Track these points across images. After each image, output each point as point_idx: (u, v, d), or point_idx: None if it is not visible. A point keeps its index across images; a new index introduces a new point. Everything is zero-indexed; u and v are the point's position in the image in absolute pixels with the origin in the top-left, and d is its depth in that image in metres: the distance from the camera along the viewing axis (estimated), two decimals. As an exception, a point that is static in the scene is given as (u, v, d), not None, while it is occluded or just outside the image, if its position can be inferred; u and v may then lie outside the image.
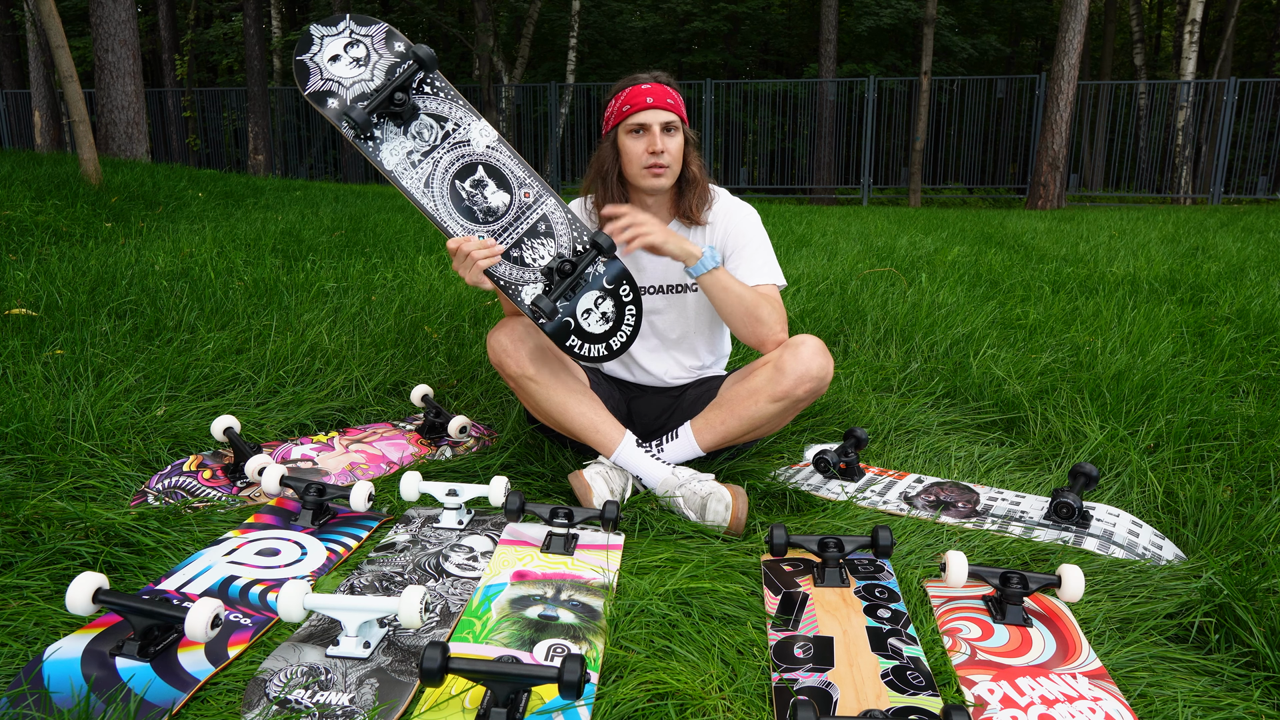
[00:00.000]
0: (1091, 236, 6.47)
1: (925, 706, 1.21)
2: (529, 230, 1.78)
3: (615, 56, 19.08)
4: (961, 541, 1.77)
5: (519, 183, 1.77)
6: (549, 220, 1.78)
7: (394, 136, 1.75)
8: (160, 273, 3.58)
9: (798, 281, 4.18)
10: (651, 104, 1.91)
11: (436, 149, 1.75)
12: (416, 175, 1.75)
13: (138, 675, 1.23)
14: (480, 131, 1.77)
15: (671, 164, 1.95)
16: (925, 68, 12.36)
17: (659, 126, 1.92)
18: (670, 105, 1.93)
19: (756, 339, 1.94)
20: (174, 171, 7.60)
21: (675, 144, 1.95)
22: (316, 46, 1.75)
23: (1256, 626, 1.36)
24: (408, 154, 1.74)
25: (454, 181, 1.75)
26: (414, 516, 1.85)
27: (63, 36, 5.38)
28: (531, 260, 1.79)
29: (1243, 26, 20.26)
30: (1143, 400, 2.45)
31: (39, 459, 1.85)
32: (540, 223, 1.78)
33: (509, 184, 1.77)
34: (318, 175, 16.20)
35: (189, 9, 18.50)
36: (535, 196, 1.77)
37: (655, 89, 1.93)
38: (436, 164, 1.75)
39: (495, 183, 1.76)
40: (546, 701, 1.21)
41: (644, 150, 1.93)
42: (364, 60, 1.74)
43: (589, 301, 1.81)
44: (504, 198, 1.76)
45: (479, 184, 1.74)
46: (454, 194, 1.76)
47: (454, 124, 1.75)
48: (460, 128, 1.75)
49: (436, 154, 1.75)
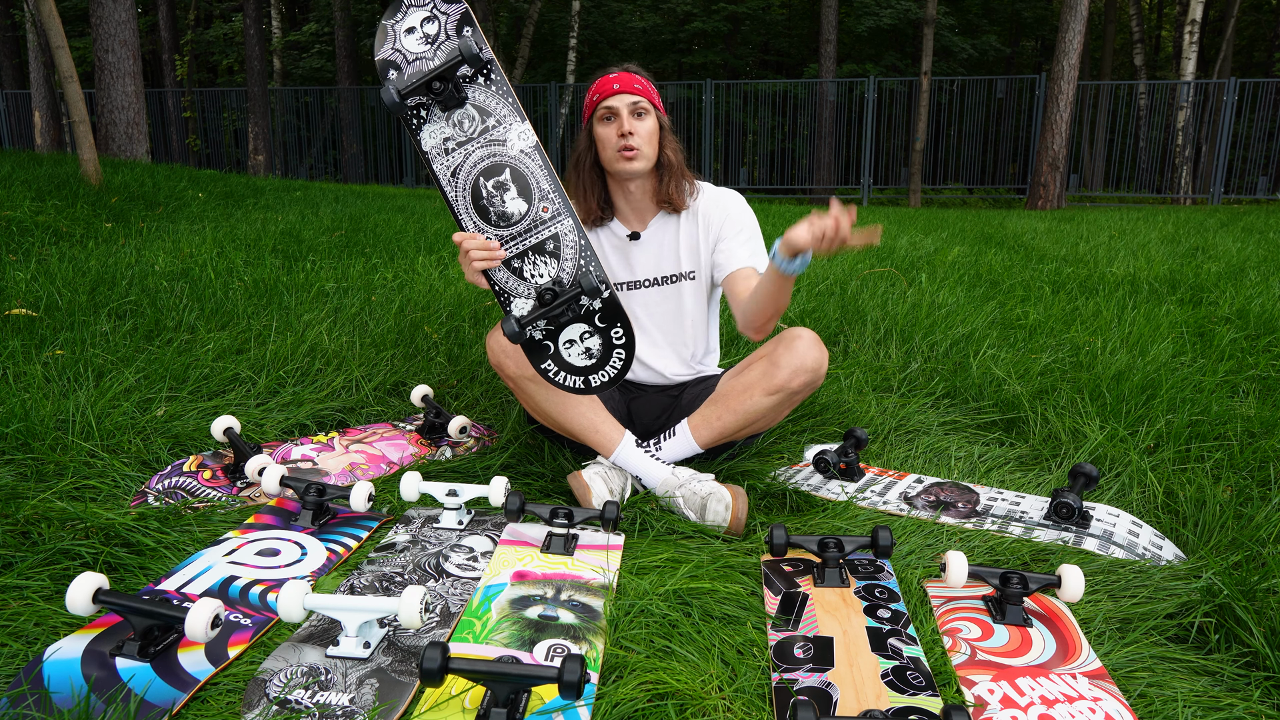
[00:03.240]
0: (1091, 237, 6.47)
1: (925, 707, 1.21)
2: (536, 245, 1.76)
3: (615, 57, 19.07)
4: (961, 541, 1.77)
5: (541, 195, 1.74)
6: (559, 241, 1.75)
7: (436, 119, 1.73)
8: (160, 273, 3.58)
9: (798, 281, 4.18)
10: (618, 89, 1.93)
11: (471, 142, 1.73)
12: (447, 163, 1.74)
13: (138, 675, 1.23)
14: (519, 134, 1.73)
15: (643, 146, 1.95)
16: (925, 68, 12.36)
17: (627, 109, 1.93)
18: (638, 89, 1.94)
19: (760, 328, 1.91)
20: (174, 172, 7.60)
21: (645, 127, 1.95)
22: (401, 14, 1.73)
23: (1256, 626, 1.36)
24: (444, 140, 1.73)
25: (479, 178, 1.74)
26: (414, 517, 1.85)
27: (63, 37, 5.38)
28: (529, 275, 1.78)
29: (1243, 26, 20.26)
30: (1143, 400, 2.45)
31: (39, 459, 1.85)
32: (550, 241, 1.76)
33: (530, 193, 1.74)
34: (318, 175, 16.20)
35: (189, 9, 18.51)
36: (553, 213, 1.74)
37: (621, 76, 1.95)
38: (467, 156, 1.73)
39: (517, 189, 1.74)
40: (546, 701, 1.21)
41: (614, 135, 1.94)
42: (434, 38, 1.71)
43: (574, 333, 1.79)
44: (521, 206, 1.74)
45: (501, 186, 1.73)
46: (475, 190, 1.74)
47: (495, 120, 1.72)
48: (500, 125, 1.72)
49: (469, 147, 1.73)
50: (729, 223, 2.05)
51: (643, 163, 1.97)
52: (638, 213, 2.08)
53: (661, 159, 2.01)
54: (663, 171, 2.02)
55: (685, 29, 18.95)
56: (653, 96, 1.98)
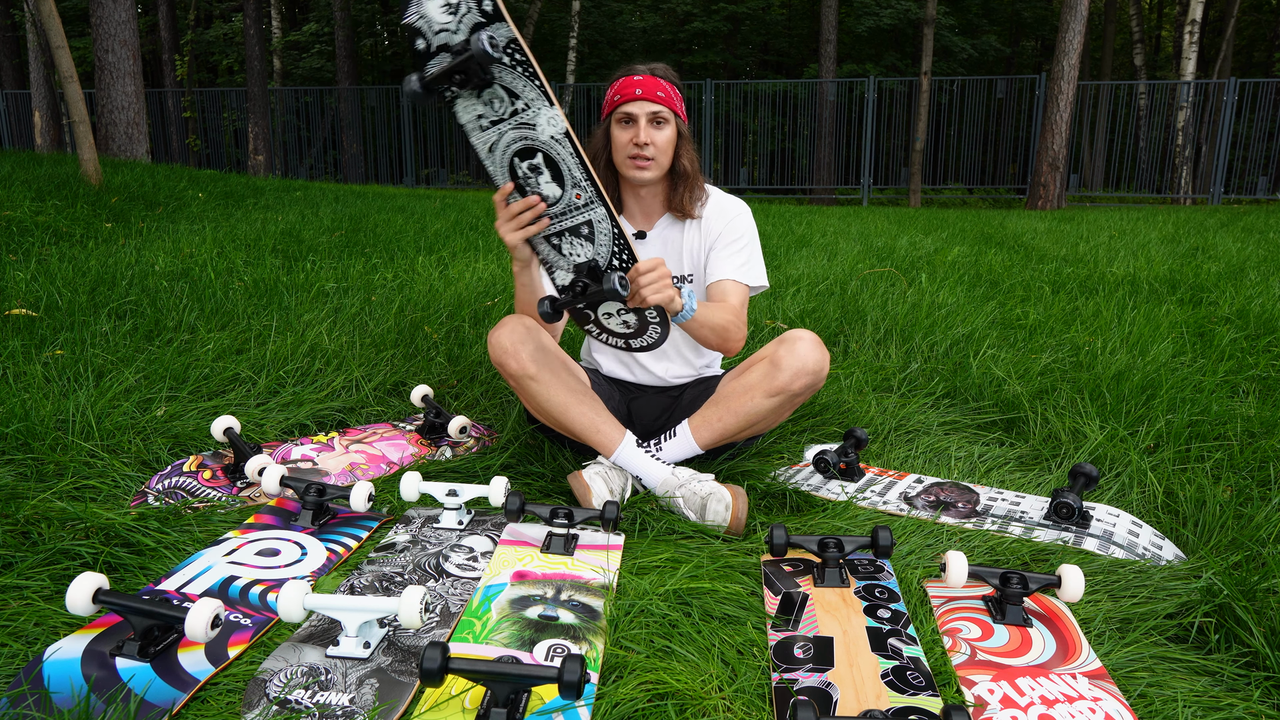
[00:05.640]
0: (1091, 237, 6.47)
1: (925, 707, 1.21)
2: (572, 228, 1.76)
3: (615, 57, 19.08)
4: (961, 541, 1.77)
5: (573, 182, 1.71)
6: (593, 227, 1.74)
7: (468, 95, 1.69)
8: (160, 273, 3.58)
9: (798, 282, 4.18)
10: (640, 95, 1.90)
11: (503, 122, 1.69)
12: (482, 139, 1.72)
13: (138, 675, 1.23)
14: (549, 120, 1.67)
15: (657, 156, 1.94)
16: (925, 68, 12.36)
17: (646, 118, 1.91)
18: (660, 98, 1.91)
19: (723, 349, 1.97)
20: (174, 172, 7.60)
21: (663, 137, 1.94)
22: None
23: (1256, 627, 1.36)
24: (477, 116, 1.70)
25: (514, 159, 1.71)
26: (414, 517, 1.85)
27: (63, 37, 5.39)
28: (568, 252, 1.78)
29: (1243, 26, 20.27)
30: (1143, 400, 2.45)
31: (39, 459, 1.85)
32: (584, 226, 1.75)
33: (564, 180, 1.71)
34: (318, 175, 16.20)
35: (189, 9, 18.50)
36: (586, 201, 1.72)
37: (646, 80, 1.92)
38: (501, 136, 1.70)
39: (550, 174, 1.71)
40: (546, 701, 1.21)
41: (629, 141, 1.93)
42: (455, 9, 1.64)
43: (611, 308, 1.81)
44: (555, 190, 1.73)
45: (535, 169, 1.70)
46: (512, 170, 1.73)
47: (524, 104, 1.67)
48: (530, 109, 1.67)
49: (502, 127, 1.70)
50: (727, 231, 2.04)
51: (655, 172, 1.96)
52: (645, 213, 2.08)
53: (676, 167, 2.00)
54: (676, 180, 2.02)
55: (685, 29, 18.95)
56: (675, 104, 1.95)
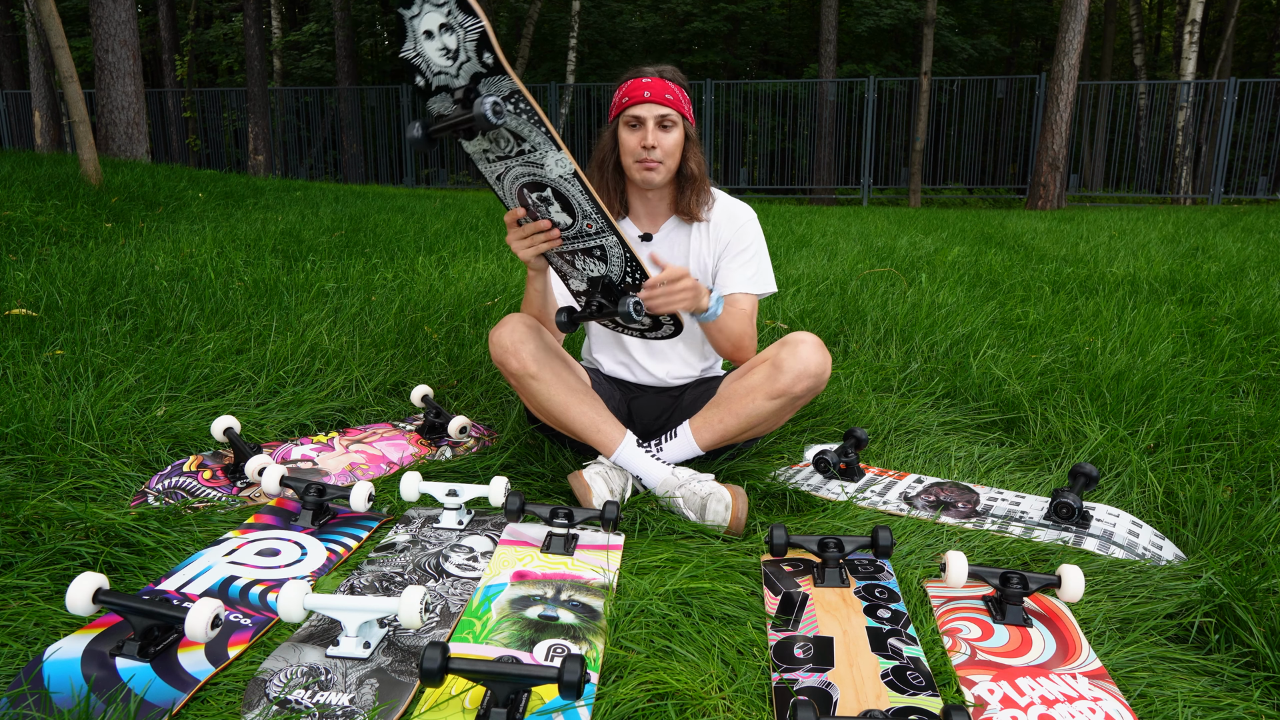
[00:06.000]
0: (1091, 237, 6.47)
1: (925, 707, 1.21)
2: (585, 249, 1.76)
3: (615, 57, 19.08)
4: (961, 541, 1.77)
5: (584, 215, 1.69)
6: (605, 251, 1.74)
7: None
8: (160, 273, 3.58)
9: (798, 281, 4.18)
10: (648, 98, 1.91)
11: (510, 158, 1.66)
12: (490, 169, 1.71)
13: (138, 675, 1.23)
14: (556, 162, 1.63)
15: (664, 160, 1.95)
16: (925, 68, 12.36)
17: (653, 121, 1.92)
18: (669, 101, 1.92)
19: (733, 358, 2.04)
20: (174, 172, 7.60)
21: (670, 140, 1.94)
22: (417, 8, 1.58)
23: (1256, 627, 1.36)
24: (483, 150, 1.68)
25: (522, 189, 1.70)
26: (414, 517, 1.85)
27: (63, 37, 5.39)
28: (580, 267, 1.79)
29: (1243, 26, 20.26)
30: (1143, 400, 2.45)
31: (39, 459, 1.85)
32: (596, 249, 1.75)
33: (574, 211, 1.70)
34: (318, 175, 16.20)
35: (189, 9, 18.51)
36: (597, 230, 1.71)
37: (655, 83, 1.92)
38: (508, 169, 1.68)
39: (560, 205, 1.70)
40: (546, 701, 1.21)
41: (637, 144, 1.94)
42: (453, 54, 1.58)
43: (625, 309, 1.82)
44: (566, 219, 1.72)
45: (545, 200, 1.70)
46: (521, 199, 1.72)
47: (530, 146, 1.63)
48: (536, 151, 1.63)
49: (509, 162, 1.67)
50: (736, 240, 2.05)
51: (662, 175, 1.97)
52: (651, 215, 2.08)
53: (683, 170, 2.01)
54: (683, 183, 2.02)
55: (685, 29, 18.95)
56: (683, 107, 1.96)
